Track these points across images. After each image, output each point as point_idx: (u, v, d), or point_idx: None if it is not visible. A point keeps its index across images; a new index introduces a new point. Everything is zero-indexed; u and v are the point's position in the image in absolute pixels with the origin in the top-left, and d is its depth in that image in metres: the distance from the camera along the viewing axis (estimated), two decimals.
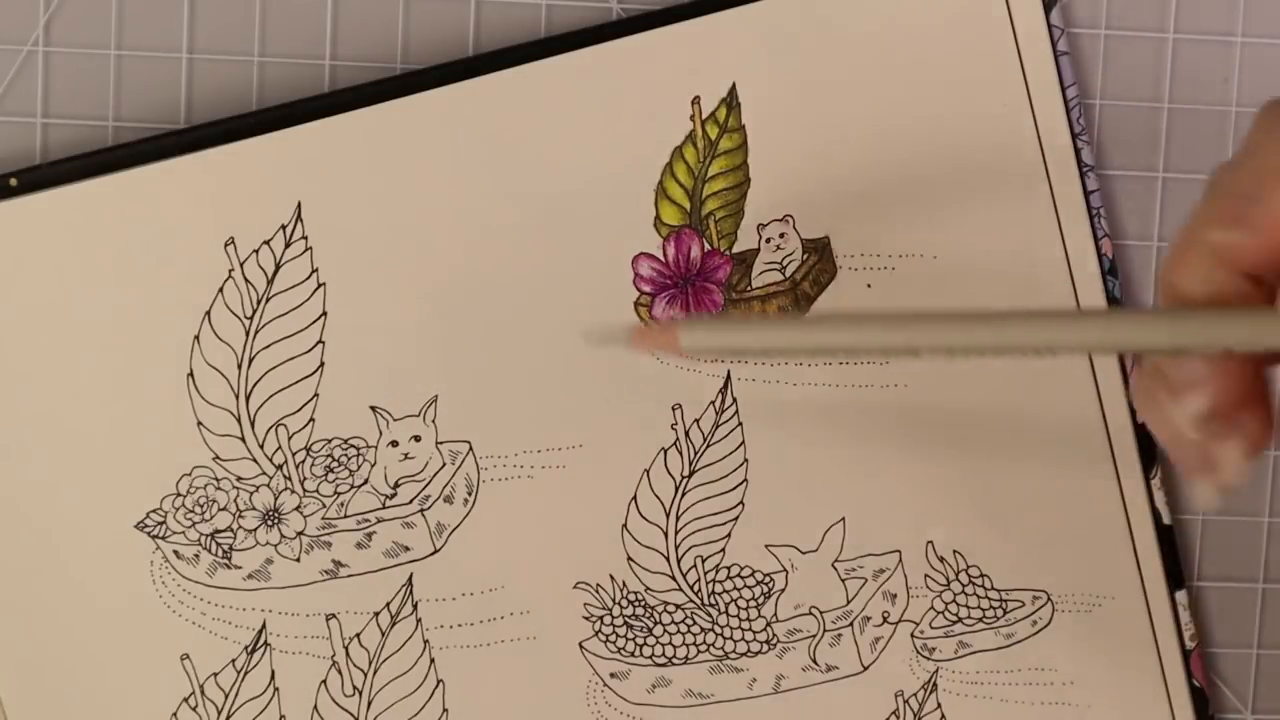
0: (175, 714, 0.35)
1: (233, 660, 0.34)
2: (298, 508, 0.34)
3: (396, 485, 0.35)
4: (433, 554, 0.35)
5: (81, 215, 0.34)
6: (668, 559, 0.35)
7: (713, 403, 0.35)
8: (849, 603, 0.36)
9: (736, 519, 0.35)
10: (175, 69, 0.35)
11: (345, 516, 0.34)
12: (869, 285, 0.35)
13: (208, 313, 0.34)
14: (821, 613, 0.35)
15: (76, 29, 0.35)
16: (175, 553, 0.34)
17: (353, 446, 0.34)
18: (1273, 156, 0.26)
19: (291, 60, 0.35)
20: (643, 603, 0.35)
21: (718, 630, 0.35)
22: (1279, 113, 0.26)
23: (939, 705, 0.36)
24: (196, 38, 0.35)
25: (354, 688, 0.35)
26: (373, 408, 0.34)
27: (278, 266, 0.34)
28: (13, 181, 0.34)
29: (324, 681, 0.35)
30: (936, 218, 0.35)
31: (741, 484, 0.35)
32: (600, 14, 0.35)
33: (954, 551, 0.36)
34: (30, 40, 0.35)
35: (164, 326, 0.34)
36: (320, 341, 0.34)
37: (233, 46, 0.35)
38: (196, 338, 0.34)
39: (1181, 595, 0.36)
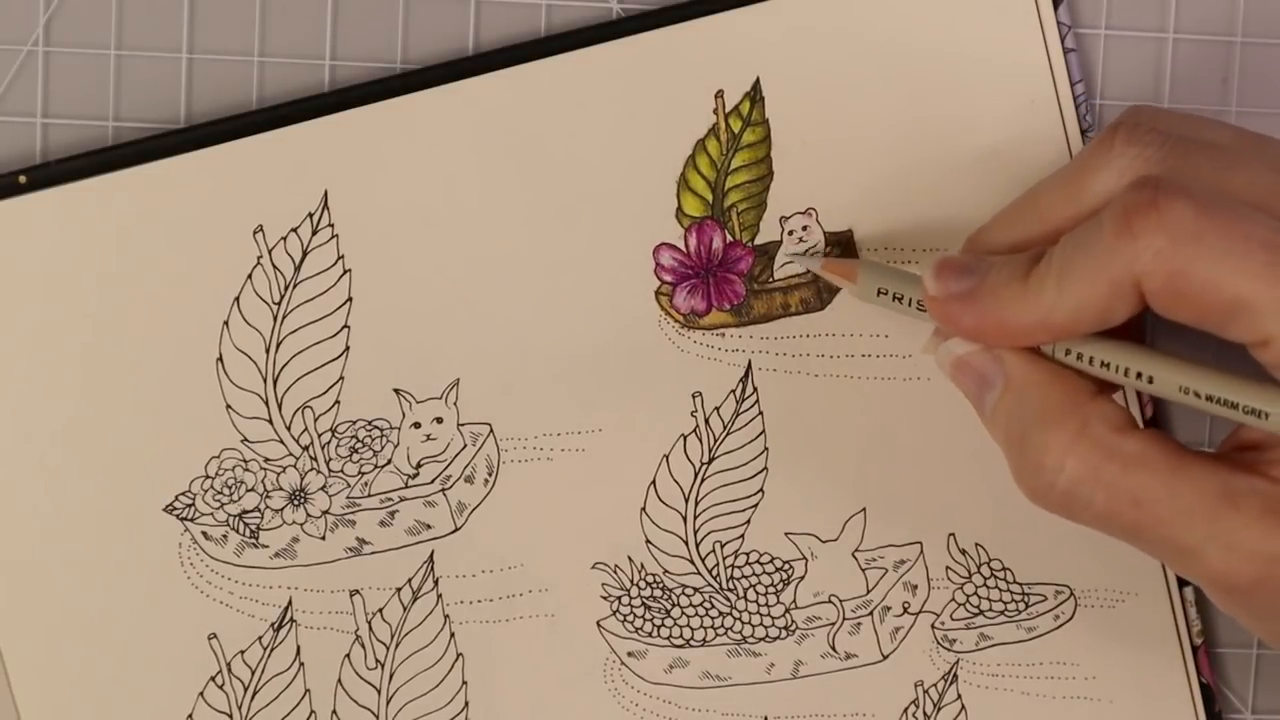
0: (203, 693, 0.38)
1: (259, 637, 0.38)
2: (323, 487, 0.38)
3: (419, 465, 0.38)
4: (454, 532, 0.38)
5: (101, 209, 0.37)
6: (686, 543, 0.38)
7: (733, 391, 0.38)
8: (869, 592, 0.38)
9: (756, 506, 0.38)
10: (175, 69, 0.37)
11: (369, 496, 0.38)
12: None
13: (236, 298, 0.37)
14: (841, 601, 0.38)
15: (76, 29, 0.37)
16: (204, 534, 0.37)
17: (376, 428, 0.38)
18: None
19: (291, 60, 0.37)
20: (661, 585, 0.38)
21: (736, 614, 0.38)
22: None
23: (959, 696, 0.38)
24: (196, 38, 0.37)
25: (377, 661, 0.38)
26: (396, 390, 0.37)
27: (305, 253, 0.37)
28: (21, 179, 0.37)
29: (348, 655, 0.38)
30: (960, 211, 0.37)
31: (761, 472, 0.38)
32: (600, 14, 0.37)
33: (976, 544, 0.38)
34: (30, 40, 0.37)
35: (193, 313, 0.37)
36: (346, 326, 0.37)
37: (233, 46, 0.37)
38: (225, 323, 0.37)
39: (1189, 591, 0.38)
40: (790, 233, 0.37)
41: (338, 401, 0.38)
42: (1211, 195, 0.29)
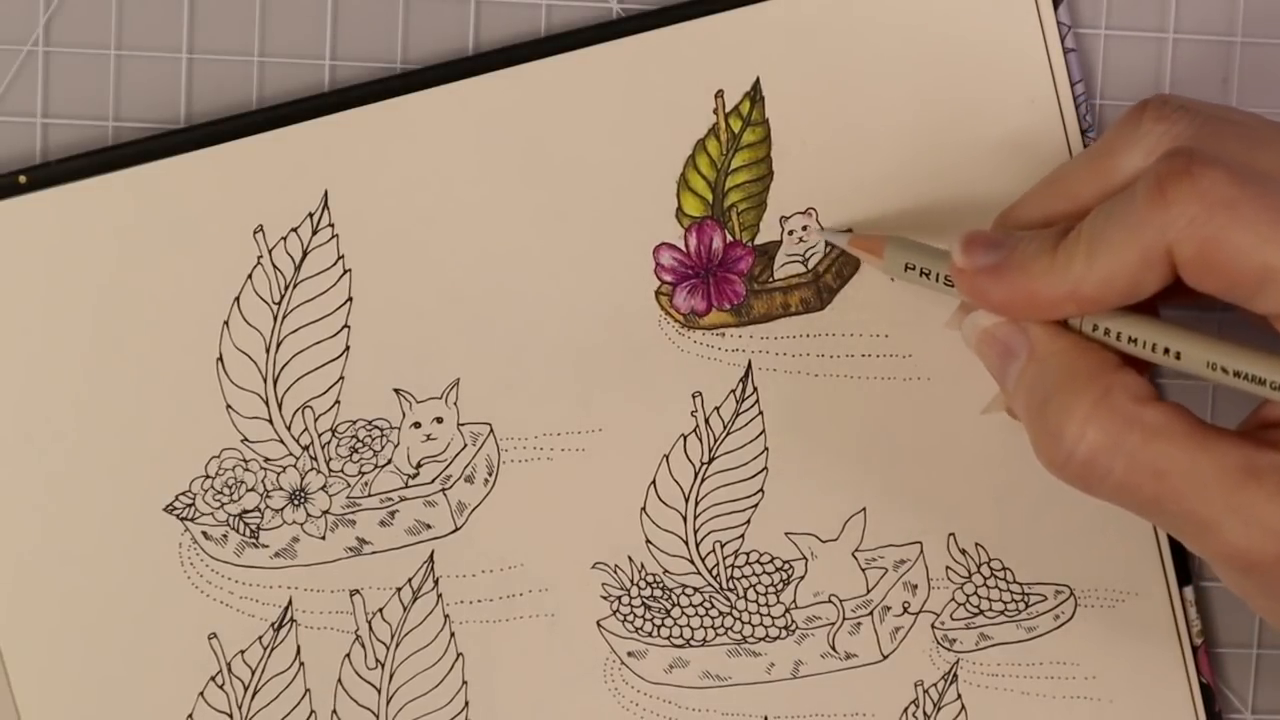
0: (203, 693, 0.38)
1: (259, 637, 0.38)
2: (323, 487, 0.38)
3: (419, 465, 0.38)
4: (454, 532, 0.38)
5: (101, 209, 0.37)
6: (686, 543, 0.38)
7: (733, 391, 0.38)
8: (869, 592, 0.39)
9: (756, 506, 0.38)
10: (175, 69, 0.38)
11: (369, 495, 0.38)
12: (893, 279, 0.38)
13: (237, 298, 0.37)
14: (841, 601, 0.38)
15: (76, 29, 0.38)
16: (204, 534, 0.38)
17: (377, 428, 0.38)
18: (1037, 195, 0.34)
19: (291, 60, 0.38)
20: (661, 584, 0.38)
21: (736, 614, 0.38)
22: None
23: (959, 696, 0.39)
24: (196, 38, 0.38)
25: (377, 661, 0.39)
26: (396, 390, 0.38)
27: (305, 253, 0.38)
28: (21, 179, 0.37)
29: (348, 655, 0.38)
30: (960, 211, 0.37)
31: (761, 472, 0.38)
32: (600, 14, 0.38)
33: (976, 544, 0.38)
34: (30, 40, 0.37)
35: (193, 313, 0.37)
36: (346, 326, 0.38)
37: (233, 46, 0.38)
38: (225, 323, 0.38)
39: (1189, 591, 0.38)
40: (790, 232, 0.38)
41: (338, 401, 0.38)
42: (1244, 167, 0.29)
